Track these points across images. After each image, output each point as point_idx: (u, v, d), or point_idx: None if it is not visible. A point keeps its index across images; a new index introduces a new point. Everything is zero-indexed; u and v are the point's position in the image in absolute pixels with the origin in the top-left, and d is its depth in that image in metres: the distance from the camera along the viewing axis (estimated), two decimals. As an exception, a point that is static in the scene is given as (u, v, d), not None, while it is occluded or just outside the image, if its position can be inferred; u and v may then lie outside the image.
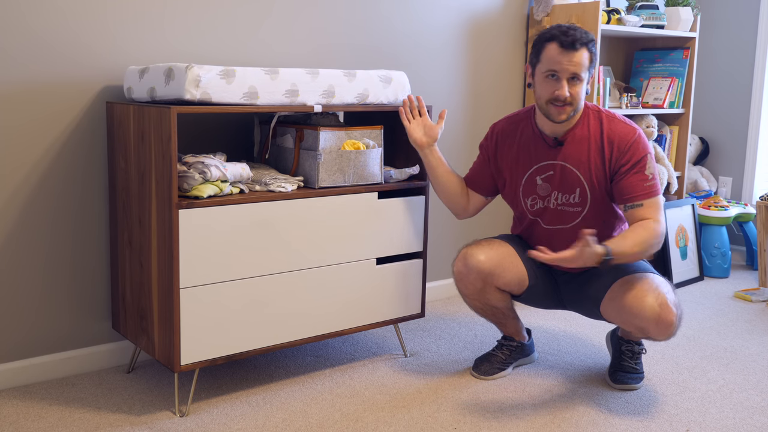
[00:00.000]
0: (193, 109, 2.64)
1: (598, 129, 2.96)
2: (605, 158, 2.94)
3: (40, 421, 2.72)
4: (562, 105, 2.88)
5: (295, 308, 2.99)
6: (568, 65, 2.85)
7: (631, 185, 2.90)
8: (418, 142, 3.16)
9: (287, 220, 2.90)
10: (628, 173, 2.91)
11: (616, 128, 2.95)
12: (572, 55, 2.84)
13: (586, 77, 2.90)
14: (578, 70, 2.85)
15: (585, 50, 2.86)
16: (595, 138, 2.96)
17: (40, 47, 2.89)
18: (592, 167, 2.96)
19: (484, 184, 3.23)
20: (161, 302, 2.75)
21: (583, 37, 2.86)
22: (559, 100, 2.87)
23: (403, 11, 3.89)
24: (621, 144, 2.92)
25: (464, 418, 2.83)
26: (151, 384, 3.06)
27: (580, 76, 2.86)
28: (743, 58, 5.48)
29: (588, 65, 2.88)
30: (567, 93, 2.86)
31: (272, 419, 2.78)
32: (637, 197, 2.89)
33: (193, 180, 2.72)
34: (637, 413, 2.90)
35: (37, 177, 2.95)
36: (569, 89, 2.87)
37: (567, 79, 2.87)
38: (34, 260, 3.00)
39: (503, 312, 3.18)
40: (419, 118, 3.17)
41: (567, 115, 2.90)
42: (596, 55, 2.91)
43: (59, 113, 2.97)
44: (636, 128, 2.95)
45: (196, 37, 3.24)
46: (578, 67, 2.85)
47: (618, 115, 3.00)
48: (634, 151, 2.91)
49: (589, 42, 2.87)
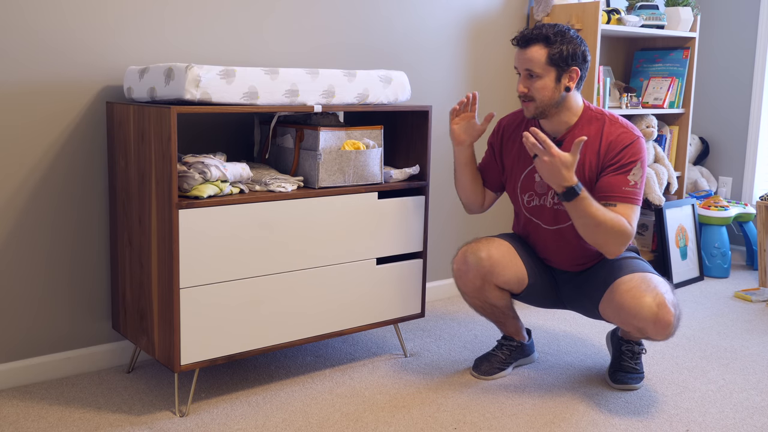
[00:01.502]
0: (193, 109, 2.64)
1: (599, 131, 2.96)
2: (600, 158, 2.94)
3: (40, 421, 2.72)
4: (524, 100, 2.96)
5: (295, 308, 2.99)
6: (520, 62, 2.94)
7: (611, 184, 2.90)
8: (457, 138, 3.14)
9: (287, 220, 2.90)
10: (612, 172, 2.90)
11: (615, 131, 2.95)
12: (523, 51, 2.92)
13: (549, 73, 2.90)
14: (530, 65, 2.90)
15: (538, 46, 2.88)
16: (594, 139, 2.95)
17: (40, 47, 2.89)
18: (587, 168, 2.96)
19: (493, 180, 3.24)
20: (161, 302, 2.75)
21: (537, 34, 2.89)
22: (519, 95, 2.96)
23: (403, 11, 3.89)
24: (615, 145, 2.92)
25: (464, 418, 2.83)
26: (151, 384, 3.06)
27: (533, 71, 2.90)
28: (743, 58, 5.48)
29: (544, 61, 2.88)
30: (522, 88, 2.94)
31: (272, 419, 2.78)
32: (612, 197, 2.88)
33: (193, 180, 2.72)
34: (637, 413, 2.90)
35: (37, 177, 2.95)
36: (524, 85, 2.93)
37: (524, 75, 2.94)
38: (35, 260, 3.00)
39: (503, 311, 3.18)
40: (466, 114, 3.16)
41: (533, 111, 2.96)
42: (562, 50, 2.88)
43: (59, 113, 2.97)
44: (636, 135, 2.94)
45: (196, 37, 3.24)
46: (529, 63, 2.90)
47: (621, 120, 2.99)
48: (625, 154, 2.90)
49: (546, 38, 2.88)
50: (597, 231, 2.83)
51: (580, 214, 2.83)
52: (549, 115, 2.96)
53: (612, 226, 2.81)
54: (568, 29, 2.92)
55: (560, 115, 2.98)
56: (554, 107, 2.94)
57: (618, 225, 2.82)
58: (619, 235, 2.83)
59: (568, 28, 2.92)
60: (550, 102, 2.93)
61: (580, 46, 2.91)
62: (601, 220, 2.80)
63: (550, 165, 2.77)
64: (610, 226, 2.81)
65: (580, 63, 2.92)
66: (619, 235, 2.84)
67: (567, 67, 2.90)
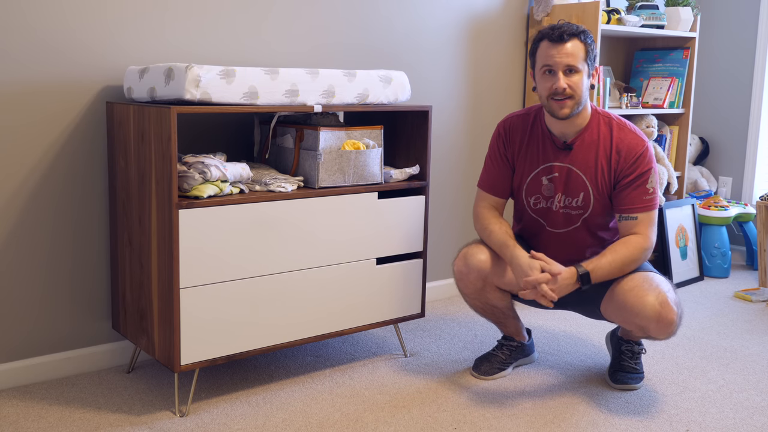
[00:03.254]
0: (193, 109, 2.64)
1: (608, 136, 2.95)
2: (612, 166, 2.94)
3: (40, 421, 2.72)
4: (562, 98, 2.86)
5: (295, 308, 2.99)
6: (559, 57, 2.85)
7: (631, 198, 2.92)
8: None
9: (287, 220, 2.90)
10: (631, 185, 2.92)
11: (625, 137, 2.94)
12: (562, 47, 2.85)
13: (585, 69, 2.88)
14: (571, 60, 2.84)
15: (576, 40, 2.85)
16: (605, 144, 2.95)
17: (40, 47, 2.89)
18: (599, 173, 2.95)
19: (506, 188, 3.15)
20: (161, 302, 2.75)
21: (571, 29, 2.86)
22: (558, 93, 2.85)
23: (403, 11, 3.89)
24: (628, 155, 2.92)
25: (464, 418, 2.83)
26: (151, 384, 3.05)
27: (575, 67, 2.85)
28: (743, 58, 5.48)
29: (583, 56, 2.86)
30: (564, 84, 2.84)
31: (272, 419, 2.78)
32: (634, 210, 2.92)
33: (193, 180, 2.72)
34: (637, 413, 2.90)
35: (37, 177, 2.95)
36: (566, 80, 2.85)
37: (562, 71, 2.86)
38: (35, 260, 2.99)
39: (503, 311, 3.18)
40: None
41: (570, 109, 2.87)
42: (592, 46, 2.89)
43: (59, 113, 2.97)
44: (645, 141, 2.95)
45: (196, 37, 3.23)
46: (571, 57, 2.84)
47: (629, 124, 2.99)
48: (640, 164, 2.92)
49: (580, 33, 2.87)
50: (624, 270, 2.91)
51: (604, 278, 2.89)
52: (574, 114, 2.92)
53: (633, 257, 2.90)
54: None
55: (575, 117, 2.94)
56: (582, 107, 2.93)
57: (637, 249, 2.91)
58: (643, 253, 2.93)
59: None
60: (585, 100, 2.91)
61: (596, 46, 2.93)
62: (620, 265, 2.89)
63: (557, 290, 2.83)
64: (631, 259, 2.90)
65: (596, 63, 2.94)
66: (643, 254, 2.93)
67: (593, 65, 2.91)
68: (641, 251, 2.90)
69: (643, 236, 2.91)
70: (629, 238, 2.91)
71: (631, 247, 2.89)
